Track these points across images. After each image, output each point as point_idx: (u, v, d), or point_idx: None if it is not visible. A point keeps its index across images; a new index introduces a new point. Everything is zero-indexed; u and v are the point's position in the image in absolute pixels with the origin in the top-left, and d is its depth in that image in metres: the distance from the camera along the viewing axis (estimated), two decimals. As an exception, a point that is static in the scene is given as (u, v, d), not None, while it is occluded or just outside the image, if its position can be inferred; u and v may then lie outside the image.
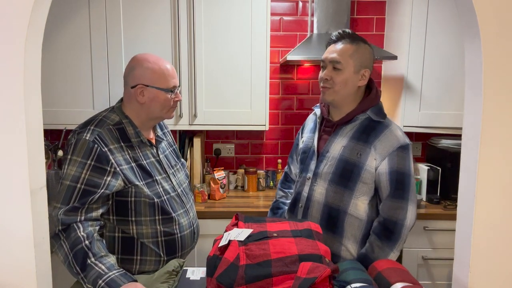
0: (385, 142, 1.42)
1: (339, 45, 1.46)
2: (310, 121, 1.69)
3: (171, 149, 1.56)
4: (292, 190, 1.74)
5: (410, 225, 1.42)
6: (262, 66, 2.26)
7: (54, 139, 2.47)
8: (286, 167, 1.82)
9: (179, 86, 1.43)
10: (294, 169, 1.75)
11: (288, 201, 1.72)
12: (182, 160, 1.63)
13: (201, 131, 2.63)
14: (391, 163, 1.40)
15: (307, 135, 1.64)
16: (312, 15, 2.47)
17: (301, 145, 1.66)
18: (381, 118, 1.47)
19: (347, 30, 1.49)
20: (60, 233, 1.21)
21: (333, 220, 1.47)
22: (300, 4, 2.59)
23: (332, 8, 2.38)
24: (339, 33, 1.49)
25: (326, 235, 1.47)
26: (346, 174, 1.44)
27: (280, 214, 1.75)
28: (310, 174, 1.53)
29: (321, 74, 1.50)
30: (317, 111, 1.62)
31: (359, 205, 1.45)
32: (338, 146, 1.48)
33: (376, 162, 1.41)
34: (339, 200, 1.46)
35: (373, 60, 1.51)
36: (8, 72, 0.85)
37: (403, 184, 1.40)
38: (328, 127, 1.55)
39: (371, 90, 1.52)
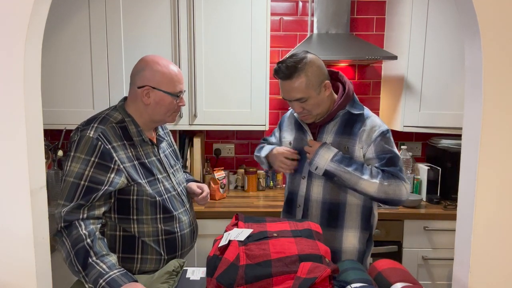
0: (368, 130, 1.49)
1: (293, 83, 1.44)
2: (291, 119, 1.72)
3: (170, 149, 1.57)
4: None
5: (406, 191, 1.45)
6: (262, 66, 2.26)
7: (54, 139, 2.47)
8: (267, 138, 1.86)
9: (184, 91, 1.44)
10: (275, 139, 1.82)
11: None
12: (181, 160, 1.64)
13: (201, 131, 2.63)
14: (377, 149, 1.48)
15: (291, 134, 1.67)
16: (312, 15, 2.47)
17: (287, 144, 1.69)
18: (360, 110, 1.53)
19: (289, 62, 1.44)
20: (63, 230, 1.22)
21: (333, 215, 1.54)
22: (300, 4, 2.59)
23: (332, 8, 2.39)
24: (283, 71, 1.44)
25: (327, 231, 1.50)
26: None
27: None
28: (305, 174, 1.58)
29: (292, 107, 1.54)
30: (296, 114, 1.64)
31: (354, 193, 1.51)
32: None
33: (363, 150, 1.49)
34: (337, 194, 1.53)
35: (323, 64, 1.50)
36: (8, 72, 0.85)
37: (392, 162, 1.47)
38: (311, 128, 1.61)
39: (342, 83, 1.57)
